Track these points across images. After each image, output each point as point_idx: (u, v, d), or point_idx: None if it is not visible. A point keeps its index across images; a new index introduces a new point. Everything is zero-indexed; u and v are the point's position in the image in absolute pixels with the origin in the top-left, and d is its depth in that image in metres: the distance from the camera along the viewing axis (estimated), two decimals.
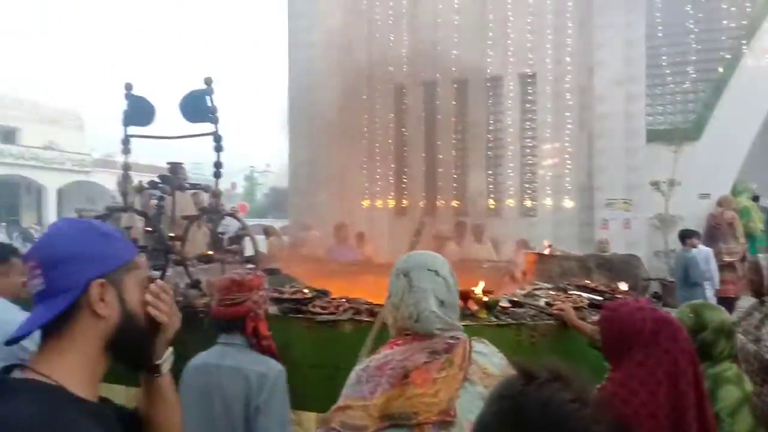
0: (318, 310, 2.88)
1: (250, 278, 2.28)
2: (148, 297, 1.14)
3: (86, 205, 29.41)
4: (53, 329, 1.04)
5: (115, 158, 35.63)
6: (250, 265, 3.07)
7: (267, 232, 8.38)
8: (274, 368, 2.19)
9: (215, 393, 2.15)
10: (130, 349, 1.12)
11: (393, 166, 10.05)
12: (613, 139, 9.52)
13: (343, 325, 2.84)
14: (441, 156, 9.80)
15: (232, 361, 2.17)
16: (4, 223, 26.94)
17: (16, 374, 1.02)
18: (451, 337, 1.46)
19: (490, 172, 10.06)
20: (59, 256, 1.05)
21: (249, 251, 3.39)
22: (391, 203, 10.01)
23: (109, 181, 33.21)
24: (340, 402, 1.43)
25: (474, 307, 2.89)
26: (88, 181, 34.36)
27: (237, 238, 3.46)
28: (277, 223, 12.29)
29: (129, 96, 3.23)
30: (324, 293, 3.12)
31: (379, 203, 9.98)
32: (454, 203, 9.89)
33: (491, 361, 1.47)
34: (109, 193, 30.95)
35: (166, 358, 1.21)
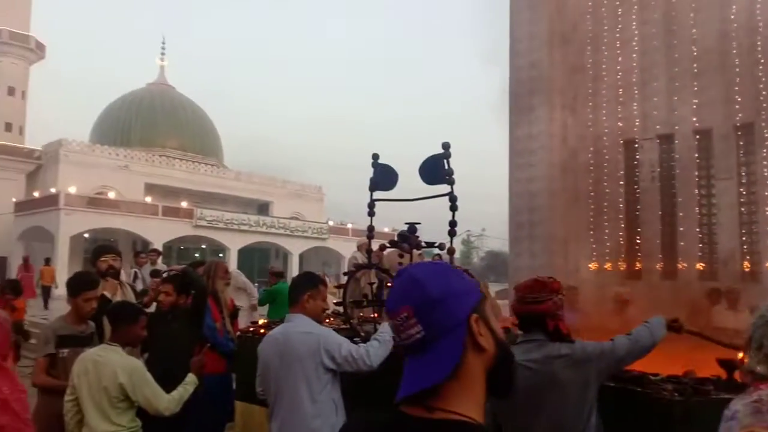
0: None
1: (552, 281, 2.48)
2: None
3: (322, 268, 32.72)
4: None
5: (347, 225, 39.45)
6: None
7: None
8: None
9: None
10: (505, 376, 1.09)
11: (623, 225, 9.41)
12: None
13: None
14: (681, 214, 8.90)
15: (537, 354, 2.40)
16: (256, 283, 31.22)
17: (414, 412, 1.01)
18: None
19: (743, 230, 8.82)
20: (434, 298, 1.03)
21: None
22: (622, 266, 9.31)
23: (341, 246, 36.78)
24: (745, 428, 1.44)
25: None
26: (324, 246, 38.26)
27: None
28: (495, 287, 12.25)
29: (375, 164, 3.59)
30: None
31: (608, 266, 9.36)
32: (699, 266, 8.83)
33: None
34: (341, 256, 34.06)
35: None
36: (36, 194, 31.79)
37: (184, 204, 33.47)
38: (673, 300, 7.01)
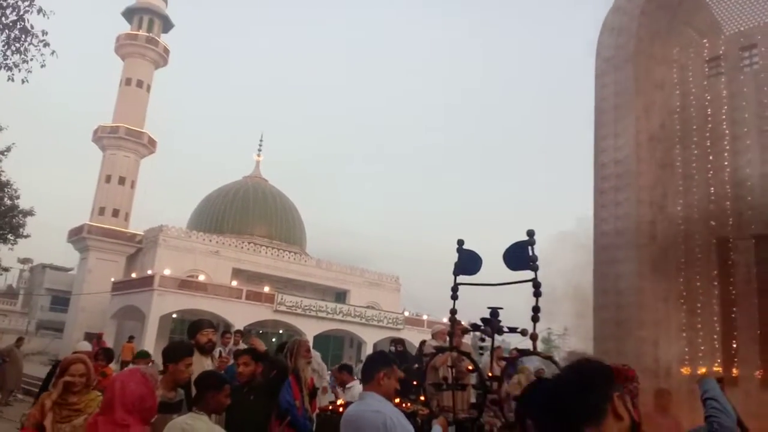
0: None
1: (627, 368, 2.45)
2: None
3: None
4: None
5: (422, 317, 39.03)
6: None
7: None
8: None
9: None
10: None
11: (719, 328, 8.82)
12: None
13: None
14: None
15: None
16: (329, 372, 31.17)
17: None
18: None
19: None
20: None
21: None
22: (718, 370, 8.62)
23: (415, 337, 36.22)
24: None
25: None
26: (399, 336, 37.74)
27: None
28: None
29: (460, 249, 3.73)
30: None
31: (702, 370, 8.70)
32: None
33: None
34: (415, 347, 33.41)
35: None
36: (134, 275, 33.94)
37: (266, 289, 34.55)
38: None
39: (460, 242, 3.76)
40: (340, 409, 3.89)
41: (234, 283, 34.01)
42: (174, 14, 45.02)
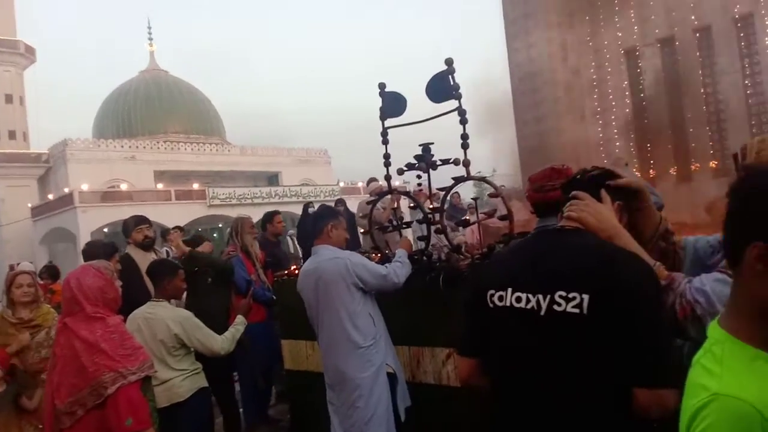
0: None
1: (567, 167, 2.41)
2: None
3: None
4: None
5: (357, 184, 39.53)
6: (504, 223, 3.25)
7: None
8: None
9: None
10: None
11: (633, 136, 9.39)
12: None
13: None
14: (690, 115, 8.83)
15: None
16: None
17: None
18: None
19: (753, 122, 8.74)
20: None
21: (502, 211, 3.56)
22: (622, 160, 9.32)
23: (354, 205, 36.90)
24: None
25: None
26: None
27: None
28: None
29: (383, 93, 3.68)
30: None
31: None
32: (712, 164, 8.83)
33: None
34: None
35: None
36: (50, 197, 32.20)
37: (195, 186, 33.73)
38: (692, 202, 7.08)
39: (382, 86, 3.69)
40: (296, 272, 4.01)
41: (160, 186, 32.94)
42: None
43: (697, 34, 9.17)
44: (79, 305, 2.47)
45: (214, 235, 34.95)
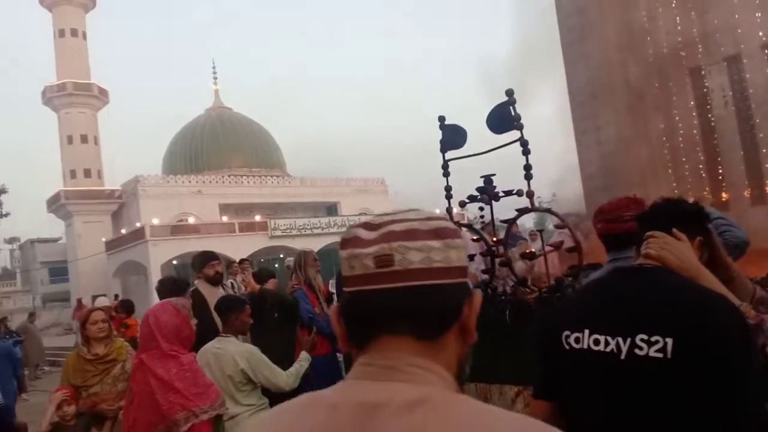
0: None
1: (642, 198, 2.32)
2: None
3: None
4: None
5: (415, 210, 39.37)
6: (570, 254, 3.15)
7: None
8: None
9: None
10: None
11: (703, 158, 8.99)
12: None
13: None
14: (761, 135, 8.39)
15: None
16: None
17: None
18: None
19: None
20: None
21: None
22: (708, 198, 8.89)
23: None
24: None
25: None
26: None
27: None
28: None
29: (443, 126, 3.69)
30: None
31: (692, 200, 8.91)
32: None
33: None
34: None
35: None
36: (123, 231, 33.81)
37: (257, 217, 34.64)
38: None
39: (441, 119, 3.70)
40: None
41: (224, 219, 34.03)
42: None
43: (766, 51, 8.77)
44: (156, 342, 2.57)
45: (276, 265, 35.66)
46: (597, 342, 1.46)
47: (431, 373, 0.78)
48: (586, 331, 1.50)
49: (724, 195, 8.96)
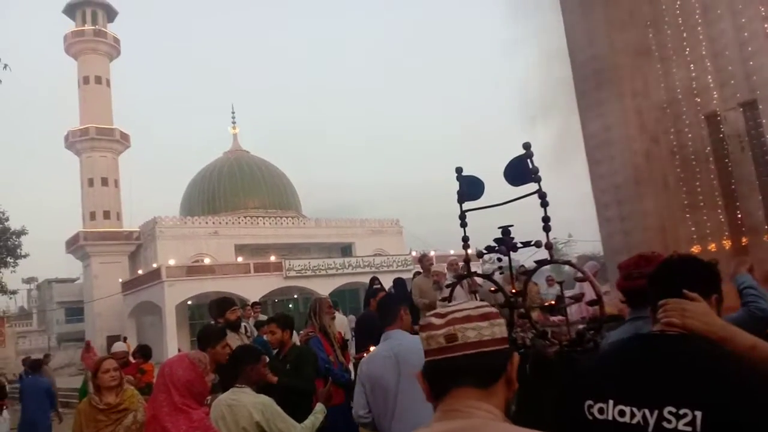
0: None
1: (658, 254, 2.35)
2: None
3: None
4: None
5: (430, 254, 39.40)
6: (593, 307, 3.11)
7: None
8: None
9: None
10: None
11: (721, 203, 8.90)
12: None
13: None
14: None
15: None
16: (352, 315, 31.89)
17: None
18: None
19: None
20: None
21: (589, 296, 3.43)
22: (727, 244, 8.76)
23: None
24: None
25: None
26: (409, 277, 38.33)
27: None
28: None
29: (460, 177, 3.72)
30: None
31: (712, 246, 8.84)
32: None
33: None
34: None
35: None
36: (140, 272, 34.05)
37: (272, 258, 34.74)
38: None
39: (459, 170, 3.74)
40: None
41: (239, 259, 34.18)
42: (116, 1, 43.35)
43: None
44: (168, 393, 2.56)
45: (290, 306, 35.57)
46: (622, 413, 1.43)
47: (481, 410, 1.11)
48: (611, 402, 1.46)
49: (744, 240, 8.84)
